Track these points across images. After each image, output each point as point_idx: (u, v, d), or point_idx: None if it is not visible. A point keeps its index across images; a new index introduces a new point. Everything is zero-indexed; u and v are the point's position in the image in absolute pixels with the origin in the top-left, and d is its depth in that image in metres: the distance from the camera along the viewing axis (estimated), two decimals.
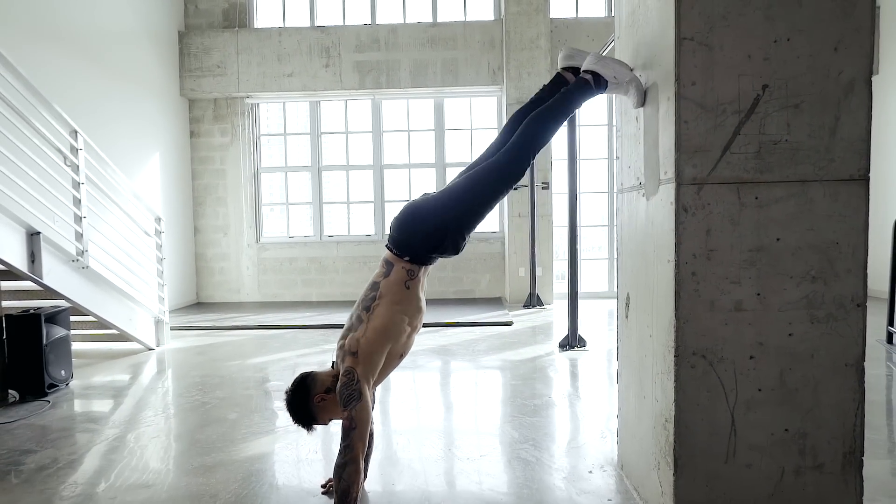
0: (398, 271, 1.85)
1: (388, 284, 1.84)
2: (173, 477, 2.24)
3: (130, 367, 4.04)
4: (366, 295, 1.87)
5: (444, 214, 1.84)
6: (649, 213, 1.81)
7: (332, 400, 1.80)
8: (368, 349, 1.77)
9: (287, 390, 1.85)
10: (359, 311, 1.85)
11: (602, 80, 1.84)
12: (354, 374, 1.74)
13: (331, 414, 1.85)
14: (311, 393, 1.81)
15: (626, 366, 2.11)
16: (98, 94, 5.45)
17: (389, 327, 1.81)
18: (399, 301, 1.84)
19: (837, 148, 1.58)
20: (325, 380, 1.84)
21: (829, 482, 1.63)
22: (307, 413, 1.82)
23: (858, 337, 1.61)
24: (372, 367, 1.79)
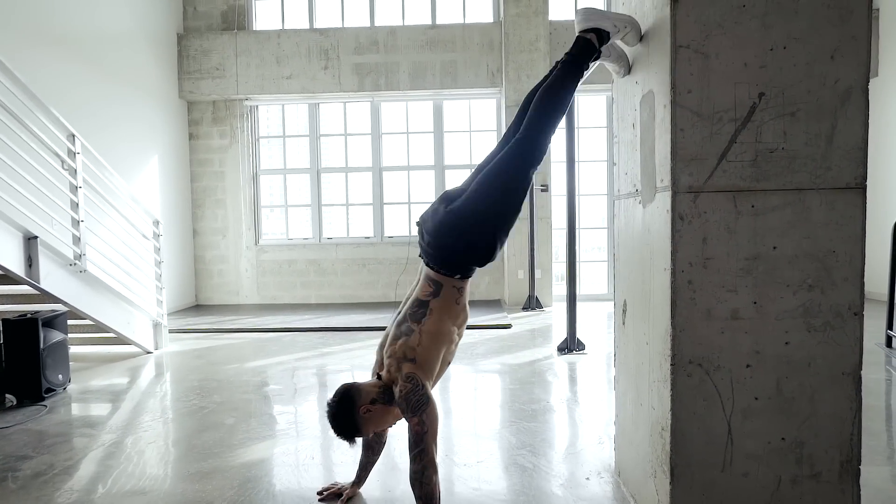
0: (448, 290, 1.82)
1: (439, 303, 1.81)
2: (169, 483, 2.23)
3: (128, 371, 4.03)
4: (412, 311, 1.82)
5: (483, 222, 1.78)
6: (646, 220, 1.81)
7: (378, 411, 1.76)
8: (425, 355, 1.76)
9: (330, 402, 1.77)
10: (408, 322, 1.80)
11: (604, 32, 1.80)
12: (418, 378, 1.71)
13: (376, 425, 1.80)
14: (357, 404, 1.75)
15: (622, 373, 2.11)
16: (97, 98, 5.45)
17: (443, 335, 1.80)
18: (452, 316, 1.83)
19: (834, 156, 1.58)
20: (371, 391, 1.78)
21: (826, 491, 1.63)
22: (353, 425, 1.75)
23: (855, 346, 1.60)
24: (430, 371, 1.77)
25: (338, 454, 2.49)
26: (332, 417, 1.76)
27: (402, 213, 7.30)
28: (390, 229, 7.32)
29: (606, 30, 1.81)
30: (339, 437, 1.76)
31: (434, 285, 1.83)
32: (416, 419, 1.67)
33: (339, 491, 2.08)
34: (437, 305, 1.81)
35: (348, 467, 2.35)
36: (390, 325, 1.88)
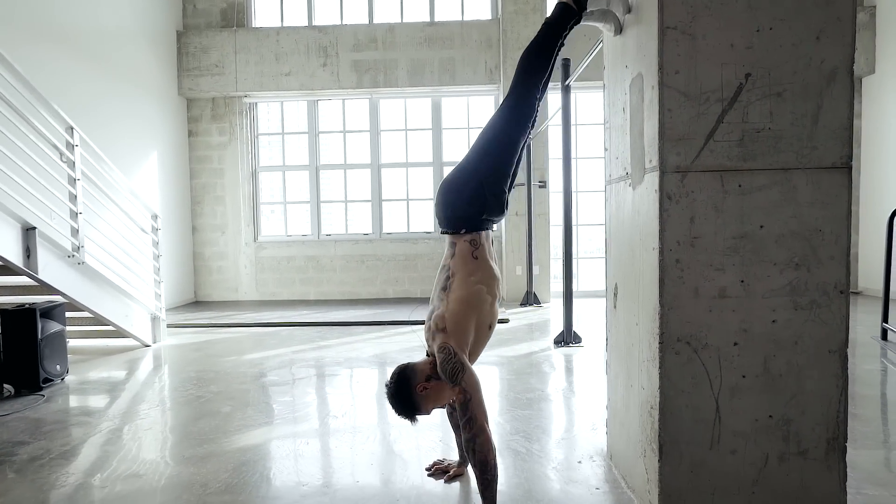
0: (461, 246, 1.88)
1: (457, 262, 1.87)
2: (165, 467, 2.25)
3: (126, 363, 4.05)
4: (440, 280, 1.91)
5: (475, 175, 1.87)
6: (635, 202, 1.83)
7: (435, 387, 1.77)
8: (454, 321, 1.78)
9: (387, 383, 1.80)
10: (439, 293, 1.87)
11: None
12: (450, 347, 1.73)
13: (435, 402, 1.81)
14: (413, 383, 1.77)
15: (614, 355, 2.12)
16: (97, 95, 5.48)
17: (469, 297, 1.81)
18: (471, 273, 1.85)
19: (820, 136, 1.60)
20: (424, 368, 1.81)
21: (813, 468, 1.64)
22: (411, 404, 1.77)
23: (842, 324, 1.62)
24: (463, 337, 1.78)
25: (334, 440, 2.51)
26: (391, 398, 1.79)
27: (400, 210, 7.33)
28: (389, 226, 7.34)
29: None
30: (401, 417, 1.80)
31: (451, 247, 1.92)
32: (458, 388, 1.70)
33: (447, 468, 2.12)
34: (457, 265, 1.86)
35: (343, 448, 2.36)
36: (431, 303, 1.95)
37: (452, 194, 1.89)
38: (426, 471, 2.14)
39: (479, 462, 1.67)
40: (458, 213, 1.88)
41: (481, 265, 1.87)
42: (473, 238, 1.89)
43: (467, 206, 1.88)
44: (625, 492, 1.94)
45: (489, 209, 1.89)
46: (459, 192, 1.88)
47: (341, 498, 1.96)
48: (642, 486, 1.80)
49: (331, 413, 2.88)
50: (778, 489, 1.65)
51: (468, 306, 1.80)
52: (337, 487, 2.04)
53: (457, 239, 1.90)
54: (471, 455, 1.69)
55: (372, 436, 2.54)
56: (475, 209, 1.88)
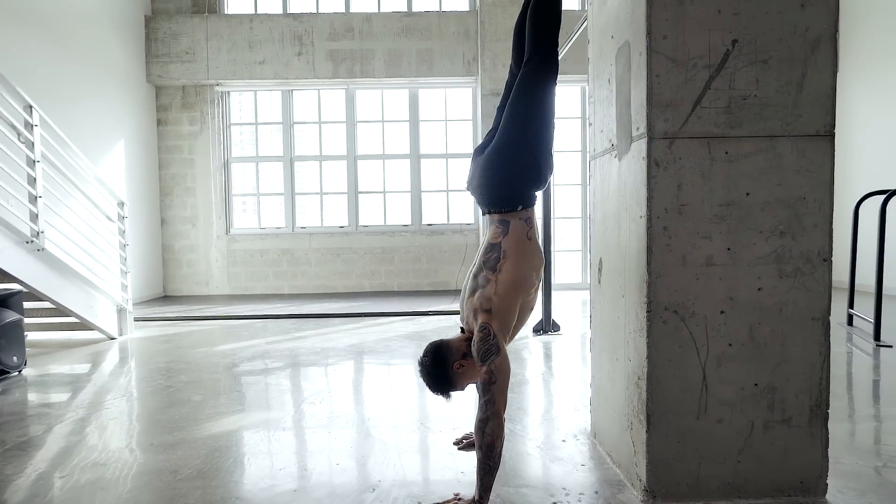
0: (517, 226, 1.78)
1: (510, 242, 1.77)
2: (132, 455, 2.14)
3: (90, 356, 3.87)
4: (486, 258, 1.79)
5: (525, 144, 1.77)
6: (622, 172, 1.81)
7: (470, 365, 1.73)
8: (502, 304, 1.71)
9: (421, 360, 1.76)
10: (484, 272, 1.77)
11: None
12: (490, 329, 1.67)
13: (469, 379, 1.77)
14: (449, 360, 1.73)
15: (599, 332, 2.10)
16: (61, 79, 5.24)
17: (520, 281, 1.75)
18: (524, 256, 1.77)
19: (804, 104, 1.60)
20: (460, 346, 1.76)
21: (796, 436, 1.64)
22: (447, 381, 1.74)
23: (824, 291, 1.63)
24: (507, 321, 1.73)
25: (310, 425, 2.43)
26: (426, 375, 1.74)
27: (377, 203, 7.24)
28: (365, 218, 7.24)
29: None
30: (435, 394, 1.76)
31: (502, 225, 1.80)
32: (486, 368, 1.64)
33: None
34: (510, 244, 1.77)
35: (319, 432, 2.29)
36: (467, 279, 1.86)
37: (505, 169, 1.77)
38: (454, 444, 2.12)
39: (485, 445, 1.62)
40: (514, 189, 1.78)
41: (533, 248, 1.80)
42: (528, 216, 1.81)
43: (520, 178, 1.78)
44: (610, 467, 1.92)
45: (539, 178, 1.80)
46: (510, 166, 1.77)
47: (318, 481, 1.89)
48: (629, 460, 1.78)
49: (307, 399, 2.79)
50: (763, 457, 1.64)
51: (517, 290, 1.74)
52: (314, 470, 1.97)
53: (511, 217, 1.79)
54: (479, 436, 1.64)
55: (349, 421, 2.47)
56: (529, 180, 1.79)
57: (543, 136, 1.78)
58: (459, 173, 7.23)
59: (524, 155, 1.77)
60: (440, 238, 7.11)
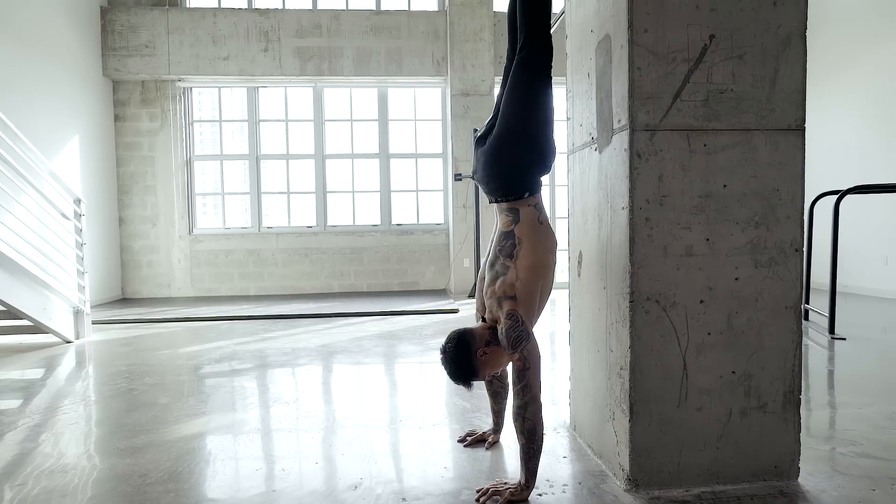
0: (526, 212, 1.78)
1: (523, 229, 1.77)
2: (96, 460, 2.03)
3: (44, 360, 3.67)
4: (501, 246, 1.79)
5: (529, 130, 1.76)
6: (602, 165, 1.83)
7: (494, 353, 1.73)
8: (525, 290, 1.71)
9: (445, 349, 1.74)
10: (501, 260, 1.76)
11: None
12: (518, 315, 1.67)
13: (492, 367, 1.77)
14: (473, 348, 1.72)
15: (578, 325, 2.12)
16: (10, 71, 4.97)
17: (538, 265, 1.74)
18: (539, 241, 1.77)
19: (777, 98, 1.65)
20: (484, 334, 1.75)
21: (771, 421, 1.69)
22: (470, 369, 1.72)
23: (797, 280, 1.68)
24: (531, 306, 1.72)
25: (282, 421, 2.36)
26: (449, 363, 1.72)
27: (345, 202, 7.14)
28: (334, 218, 7.14)
29: None
30: (457, 383, 1.73)
31: (512, 213, 1.80)
32: (518, 355, 1.65)
33: (483, 437, 2.08)
34: (523, 231, 1.76)
35: (293, 433, 2.23)
36: (482, 269, 1.85)
37: (510, 157, 1.77)
38: (460, 442, 2.10)
39: (527, 430, 1.63)
40: (521, 176, 1.78)
41: (546, 231, 1.80)
42: (537, 202, 1.81)
43: (527, 165, 1.78)
44: (591, 458, 1.94)
45: (544, 164, 1.80)
46: (517, 154, 1.77)
47: (297, 481, 1.83)
48: (611, 450, 1.79)
49: (279, 400, 2.72)
50: (740, 443, 1.69)
51: (537, 274, 1.74)
52: (292, 470, 1.91)
53: (520, 205, 1.79)
54: (520, 422, 1.64)
55: (324, 420, 2.41)
56: (535, 165, 1.79)
57: (543, 122, 1.78)
58: (429, 173, 7.21)
59: (526, 142, 1.77)
60: (410, 238, 7.07)
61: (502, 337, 1.68)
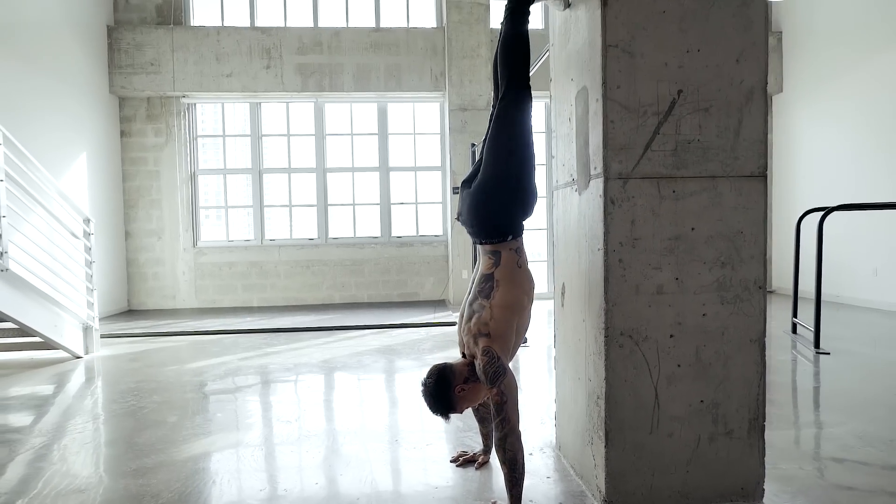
0: (507, 256, 1.90)
1: (503, 272, 1.88)
2: (110, 480, 2.16)
3: (55, 377, 3.81)
4: (480, 287, 1.90)
5: (510, 176, 1.87)
6: (581, 206, 1.96)
7: (471, 389, 1.83)
8: (498, 328, 1.82)
9: (425, 382, 1.84)
10: (479, 300, 1.88)
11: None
12: (493, 351, 1.78)
13: (469, 402, 1.87)
14: (453, 384, 1.82)
15: (562, 352, 2.25)
16: (18, 89, 5.13)
17: (513, 304, 1.85)
18: (516, 284, 1.88)
19: (740, 148, 1.79)
20: (462, 370, 1.85)
21: (737, 446, 1.82)
22: (448, 404, 1.82)
23: (760, 315, 1.81)
24: (506, 342, 1.83)
25: (284, 439, 2.49)
26: (428, 397, 1.82)
27: (346, 215, 7.29)
28: (335, 231, 7.29)
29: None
30: (435, 414, 1.84)
31: (493, 255, 1.92)
32: (496, 390, 1.75)
33: (473, 458, 2.21)
34: (502, 275, 1.88)
35: (294, 452, 2.36)
36: (463, 307, 1.97)
37: (493, 202, 1.88)
38: (452, 462, 2.22)
39: (508, 460, 1.74)
40: (503, 220, 1.89)
41: (524, 273, 1.92)
42: (518, 246, 1.93)
43: (510, 209, 1.89)
44: (573, 479, 2.07)
45: (525, 209, 1.92)
46: (500, 198, 1.87)
47: (298, 499, 1.96)
48: (590, 472, 1.93)
49: (281, 419, 2.85)
50: (708, 467, 1.82)
51: (511, 313, 1.85)
52: (293, 490, 2.04)
53: (501, 248, 1.90)
54: (500, 453, 1.75)
55: (323, 439, 2.55)
56: (517, 210, 1.90)
57: (525, 168, 1.90)
58: (428, 186, 7.36)
59: (509, 188, 1.88)
60: (409, 250, 7.21)
61: (480, 373, 1.80)
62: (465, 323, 1.92)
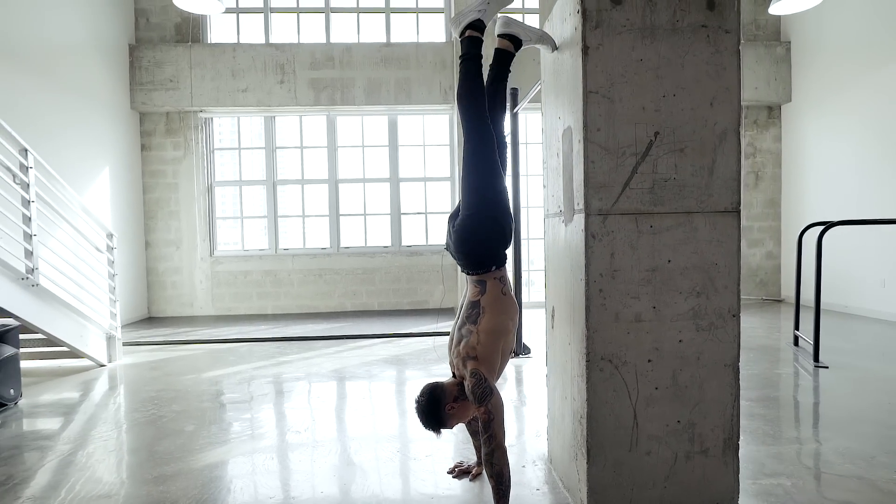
0: (492, 284, 2.06)
1: (488, 299, 2.04)
2: (132, 487, 2.35)
3: (81, 385, 4.04)
4: (468, 314, 2.05)
5: (485, 213, 2.02)
6: (567, 237, 2.10)
7: (461, 407, 1.99)
8: (485, 351, 1.98)
9: (418, 400, 1.99)
10: (467, 325, 2.04)
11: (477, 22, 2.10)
12: (480, 373, 1.93)
13: (459, 419, 2.01)
14: (443, 402, 1.97)
15: (552, 370, 2.39)
16: (47, 109, 5.40)
17: (498, 328, 2.01)
18: (501, 310, 2.04)
19: (715, 185, 1.91)
20: (452, 390, 2.01)
21: (712, 464, 1.94)
22: (439, 420, 1.97)
23: (734, 341, 1.93)
24: (493, 364, 1.99)
25: (294, 449, 2.66)
26: (421, 414, 1.99)
27: (358, 225, 7.48)
28: (346, 240, 7.48)
29: (477, 19, 2.10)
30: (427, 429, 2.00)
31: (479, 285, 2.07)
32: (483, 408, 1.90)
33: (468, 469, 2.37)
34: (488, 301, 2.04)
35: (305, 461, 2.53)
36: (453, 330, 2.13)
37: (474, 239, 2.03)
38: (448, 473, 2.38)
39: (495, 474, 1.89)
40: (485, 254, 2.04)
41: (508, 301, 2.07)
42: (502, 275, 2.09)
43: (489, 244, 2.04)
44: (562, 492, 2.20)
45: (504, 240, 2.06)
46: (479, 235, 2.03)
47: None
48: (575, 486, 2.06)
49: (293, 428, 3.02)
50: (685, 483, 1.94)
51: (497, 337, 2.00)
52: (300, 498, 2.21)
53: (487, 277, 2.06)
54: (488, 467, 1.90)
55: (333, 449, 2.71)
56: (496, 245, 2.05)
57: (497, 206, 2.04)
58: (438, 196, 7.52)
59: (487, 224, 2.03)
60: (419, 259, 7.37)
61: (469, 393, 1.95)
62: (454, 346, 2.07)
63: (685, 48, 1.89)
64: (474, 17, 2.09)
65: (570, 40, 2.00)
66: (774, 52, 7.18)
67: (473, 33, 2.09)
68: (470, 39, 2.10)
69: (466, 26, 2.10)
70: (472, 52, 2.09)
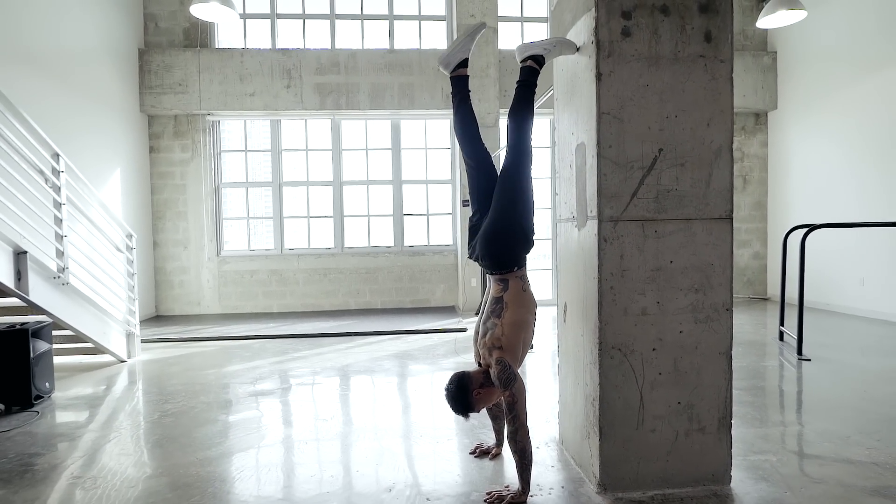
0: (514, 282, 2.30)
1: (511, 296, 2.27)
2: (179, 468, 2.57)
3: (107, 379, 4.23)
4: (492, 308, 2.28)
5: (515, 220, 2.28)
6: (580, 240, 2.35)
7: (486, 392, 2.19)
8: (509, 341, 2.21)
9: (448, 388, 2.19)
10: (492, 319, 2.28)
11: (539, 57, 2.37)
12: (505, 361, 2.16)
13: (485, 403, 2.22)
14: (470, 389, 2.17)
15: (564, 360, 2.65)
16: (64, 112, 5.56)
17: (520, 321, 2.25)
18: (522, 305, 2.28)
19: (711, 195, 2.18)
20: (478, 377, 2.21)
21: (709, 441, 2.21)
22: (468, 404, 2.17)
23: (727, 332, 2.20)
24: (516, 353, 2.23)
25: (326, 435, 2.90)
26: (451, 400, 2.21)
27: (361, 225, 7.70)
28: (350, 240, 7.69)
29: (540, 55, 2.37)
30: (457, 414, 2.22)
31: (502, 282, 2.32)
32: (508, 392, 2.15)
33: (488, 450, 2.62)
34: (510, 297, 2.28)
35: (330, 446, 2.76)
36: (478, 324, 2.38)
37: (501, 242, 2.27)
38: (471, 454, 2.63)
39: (519, 450, 2.14)
40: (510, 256, 2.28)
41: (528, 297, 2.32)
42: (522, 274, 2.34)
43: (514, 248, 2.28)
44: (573, 467, 2.46)
45: (528, 245, 2.32)
46: (506, 239, 2.27)
47: (343, 484, 2.36)
48: (587, 461, 2.32)
49: (320, 416, 3.25)
50: (684, 457, 2.20)
51: (519, 329, 2.24)
52: (338, 476, 2.44)
53: (509, 276, 2.30)
54: (512, 444, 2.15)
55: (356, 434, 2.95)
56: (520, 248, 2.31)
57: (527, 217, 2.31)
58: (439, 198, 7.76)
59: (516, 233, 2.29)
60: (421, 259, 7.61)
61: (495, 379, 2.19)
62: (480, 338, 2.32)
63: (686, 75, 2.15)
64: (539, 52, 2.36)
65: (584, 67, 2.26)
66: (761, 62, 7.52)
67: (534, 64, 2.37)
68: (531, 68, 2.37)
69: (529, 56, 2.37)
70: (531, 80, 2.37)
